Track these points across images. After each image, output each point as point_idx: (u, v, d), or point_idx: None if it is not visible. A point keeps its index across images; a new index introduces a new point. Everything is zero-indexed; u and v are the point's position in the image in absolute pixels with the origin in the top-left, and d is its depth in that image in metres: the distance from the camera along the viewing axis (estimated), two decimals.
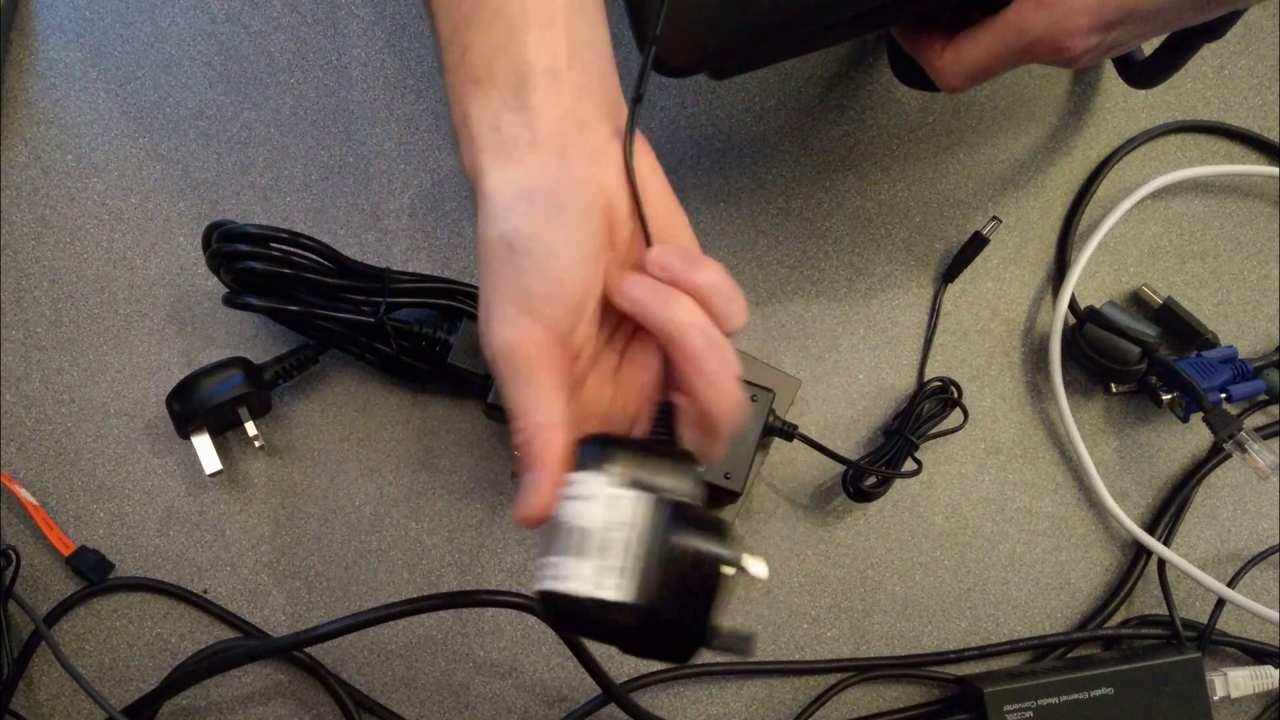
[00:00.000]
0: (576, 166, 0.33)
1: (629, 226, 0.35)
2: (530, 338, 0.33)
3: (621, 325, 0.37)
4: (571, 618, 0.31)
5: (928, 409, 0.52)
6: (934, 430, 0.52)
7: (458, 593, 0.46)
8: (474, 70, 0.34)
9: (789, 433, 0.50)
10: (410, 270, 0.51)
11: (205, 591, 0.50)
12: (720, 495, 0.49)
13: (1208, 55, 0.56)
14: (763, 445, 0.50)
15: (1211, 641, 0.52)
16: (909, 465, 0.51)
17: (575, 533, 0.31)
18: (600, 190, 0.34)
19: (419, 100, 0.54)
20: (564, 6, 0.34)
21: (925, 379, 0.53)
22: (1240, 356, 0.52)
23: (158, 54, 0.54)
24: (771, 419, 0.49)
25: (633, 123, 0.35)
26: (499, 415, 0.47)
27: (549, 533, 0.32)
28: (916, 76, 0.47)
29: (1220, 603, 0.52)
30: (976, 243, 0.53)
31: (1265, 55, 0.57)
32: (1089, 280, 0.55)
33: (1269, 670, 0.52)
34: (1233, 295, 0.55)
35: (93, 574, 0.49)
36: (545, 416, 0.33)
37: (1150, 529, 0.53)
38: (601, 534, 0.31)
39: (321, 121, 0.53)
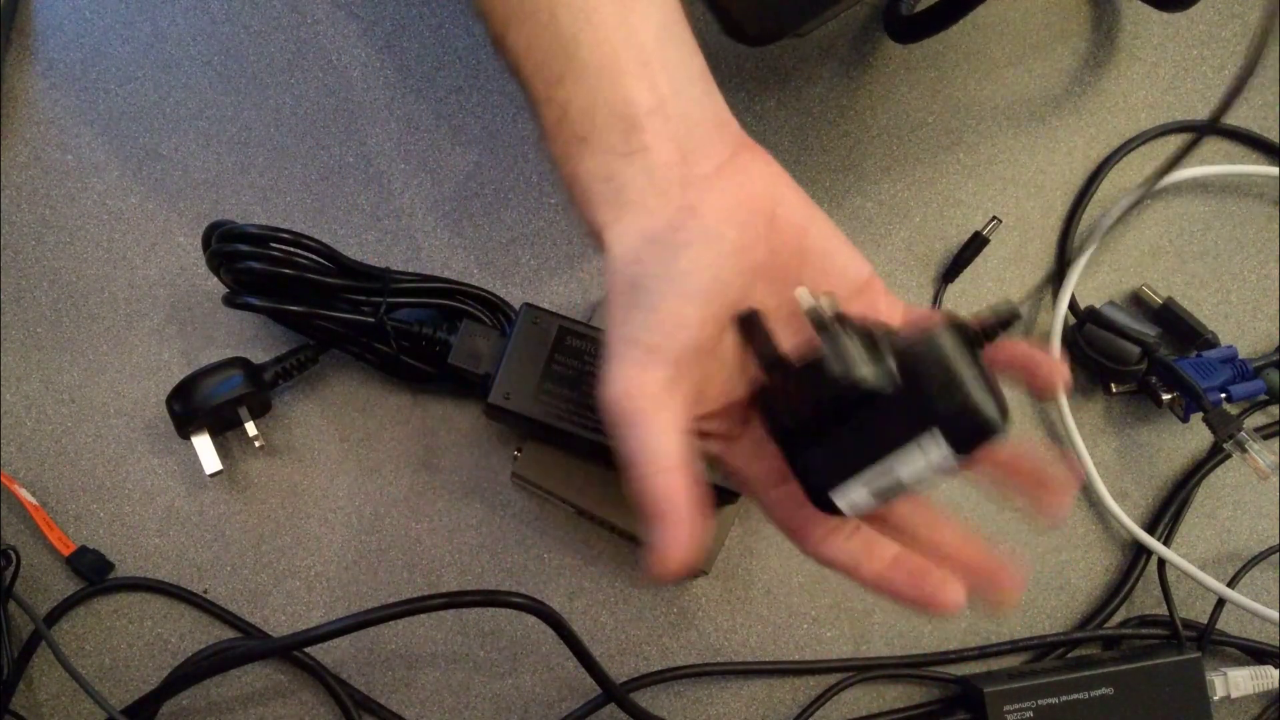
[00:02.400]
0: (693, 195, 0.32)
1: (789, 236, 0.34)
2: (644, 379, 0.31)
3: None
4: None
5: None
6: None
7: (458, 592, 0.46)
8: (577, 127, 0.32)
9: None
10: (411, 270, 0.51)
11: (205, 591, 0.50)
12: (721, 495, 0.48)
13: (1208, 55, 0.56)
14: None
15: (1211, 641, 0.52)
16: None
17: None
18: (724, 213, 0.32)
19: (419, 100, 0.54)
20: (654, 39, 0.32)
21: None
22: (1240, 356, 0.52)
23: (158, 54, 0.54)
24: None
25: None
26: (499, 416, 0.47)
27: None
28: (911, 31, 0.46)
29: (1220, 603, 0.52)
30: (976, 243, 0.53)
31: (1265, 55, 0.57)
32: (1089, 280, 0.55)
33: (1269, 670, 0.52)
34: (1233, 295, 0.55)
35: (93, 574, 0.49)
36: (665, 460, 0.30)
37: (1150, 529, 0.53)
38: None
39: (321, 121, 0.53)
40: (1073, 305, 0.53)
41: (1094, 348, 0.52)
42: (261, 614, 0.50)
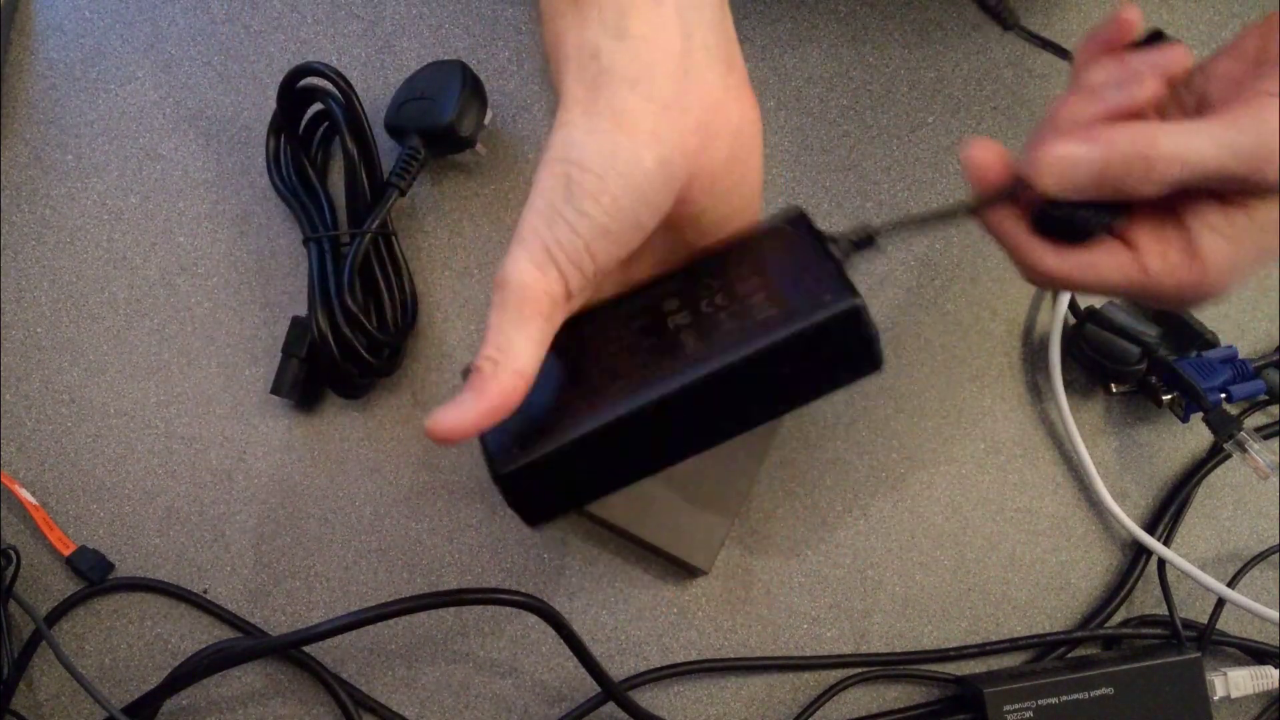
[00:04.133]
0: (669, 124, 0.31)
1: (699, 211, 0.33)
2: (544, 286, 0.31)
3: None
4: None
5: None
6: None
7: (457, 590, 0.46)
8: None
9: None
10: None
11: (205, 591, 0.50)
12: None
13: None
14: (762, 448, 0.50)
15: (1211, 641, 0.52)
16: None
17: None
18: (684, 160, 0.31)
19: None
20: None
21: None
22: (1240, 356, 0.52)
23: (158, 54, 0.54)
24: None
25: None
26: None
27: None
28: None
29: (1220, 603, 0.52)
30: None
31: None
32: None
33: (1269, 670, 0.52)
34: (1233, 295, 0.55)
35: (93, 574, 0.49)
36: (522, 365, 0.31)
37: (1150, 529, 0.53)
38: None
39: None
40: (1073, 305, 0.53)
41: (1094, 348, 0.52)
42: (261, 614, 0.50)
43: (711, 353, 0.31)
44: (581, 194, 0.31)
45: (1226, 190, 0.32)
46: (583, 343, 0.34)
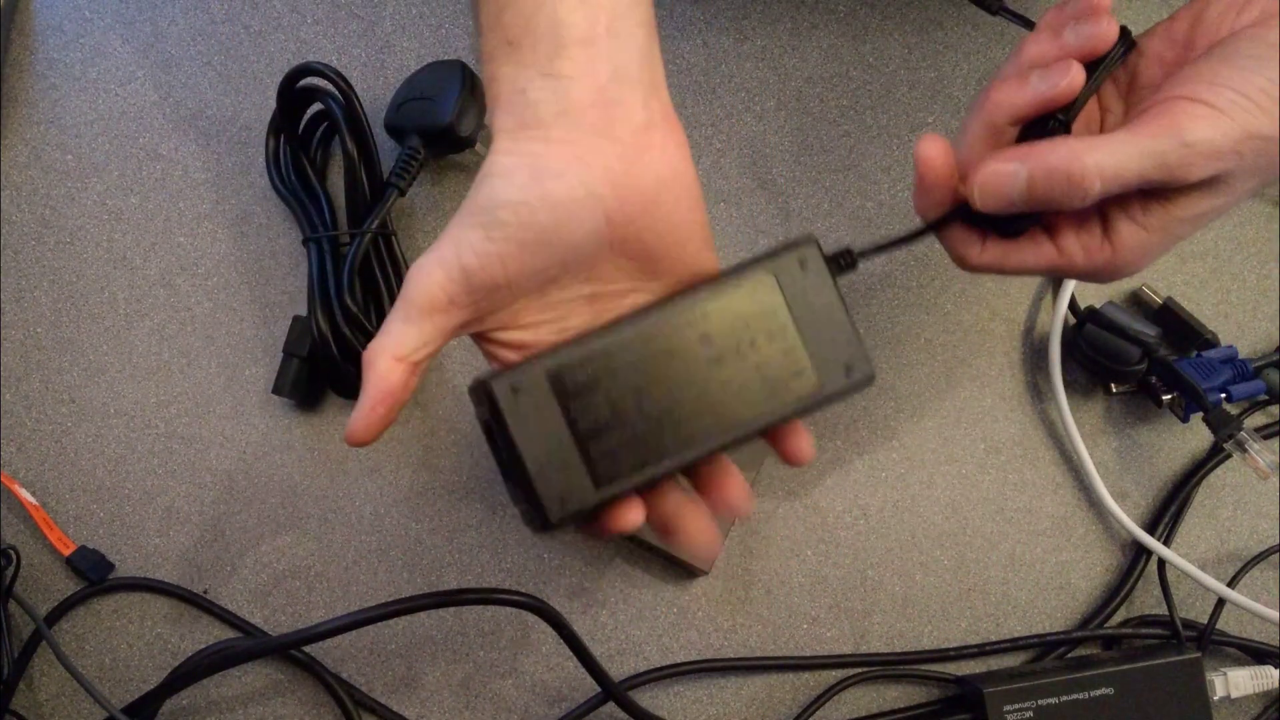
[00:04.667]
0: (592, 149, 0.33)
1: (642, 230, 0.34)
2: (440, 284, 0.33)
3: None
4: None
5: None
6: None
7: (457, 590, 0.46)
8: (510, 30, 0.33)
9: None
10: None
11: (205, 591, 0.50)
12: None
13: None
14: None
15: (1211, 641, 0.52)
16: None
17: None
18: (609, 182, 0.33)
19: None
20: None
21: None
22: (1240, 356, 0.52)
23: (158, 54, 0.54)
24: None
25: None
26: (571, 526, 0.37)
27: None
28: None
29: (1220, 603, 0.52)
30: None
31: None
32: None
33: (1269, 670, 0.52)
34: (1233, 295, 0.55)
35: (93, 574, 0.49)
36: (399, 350, 0.33)
37: (1150, 529, 0.53)
38: None
39: None
40: (1073, 305, 0.53)
41: (1094, 348, 0.52)
42: (261, 614, 0.50)
43: (757, 410, 0.35)
44: (500, 205, 0.32)
45: (1148, 188, 0.34)
46: (628, 369, 0.34)
